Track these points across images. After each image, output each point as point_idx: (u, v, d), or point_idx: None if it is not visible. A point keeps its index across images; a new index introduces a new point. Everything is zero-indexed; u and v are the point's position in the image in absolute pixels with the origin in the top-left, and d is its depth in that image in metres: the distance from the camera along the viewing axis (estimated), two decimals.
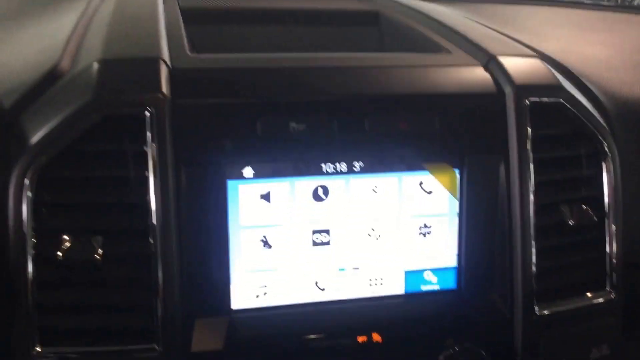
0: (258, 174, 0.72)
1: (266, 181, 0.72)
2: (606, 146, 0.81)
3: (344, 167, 0.74)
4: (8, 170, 0.67)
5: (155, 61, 0.72)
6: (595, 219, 0.79)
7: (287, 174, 0.72)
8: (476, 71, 0.81)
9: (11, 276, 0.67)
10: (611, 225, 0.81)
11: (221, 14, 1.04)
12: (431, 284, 0.78)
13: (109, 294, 0.68)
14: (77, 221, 0.68)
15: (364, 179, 0.74)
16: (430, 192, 0.76)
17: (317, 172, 0.73)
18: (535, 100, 0.78)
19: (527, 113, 0.77)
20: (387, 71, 0.78)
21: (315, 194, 0.74)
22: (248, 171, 0.71)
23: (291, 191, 0.73)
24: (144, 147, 0.68)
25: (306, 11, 1.07)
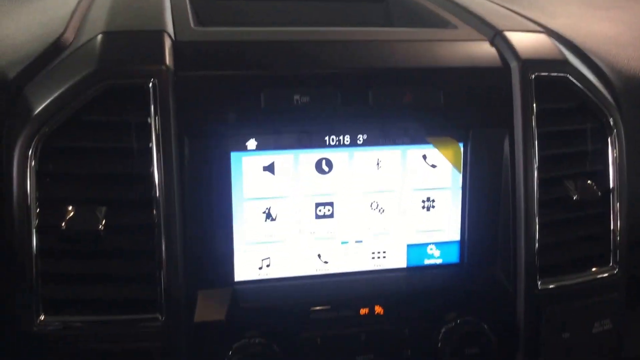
0: (261, 146, 0.72)
1: (270, 153, 0.72)
2: (612, 121, 0.81)
3: (347, 140, 0.73)
4: (12, 140, 0.67)
5: (159, 34, 0.72)
6: (600, 194, 0.79)
7: (291, 146, 0.72)
8: (482, 46, 0.80)
9: (15, 246, 0.67)
10: (615, 201, 0.81)
11: None
12: (434, 257, 0.79)
13: (112, 264, 0.69)
14: (81, 191, 0.68)
15: (367, 152, 0.74)
16: (434, 166, 0.76)
17: (321, 144, 0.73)
18: (541, 74, 0.77)
19: (532, 87, 0.76)
20: (392, 45, 0.78)
21: (319, 166, 0.74)
22: (251, 143, 0.71)
23: (295, 163, 0.73)
24: (147, 118, 0.68)
25: None
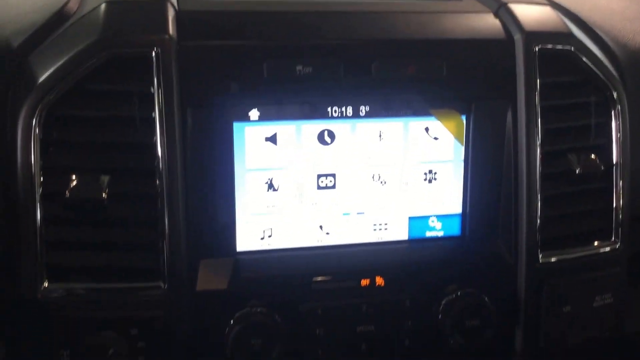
0: (264, 117, 0.72)
1: (272, 124, 0.72)
2: (616, 95, 0.80)
3: (350, 111, 0.73)
4: (17, 109, 0.68)
5: (162, 3, 0.72)
6: (603, 168, 0.79)
7: (293, 116, 0.72)
8: (486, 18, 0.80)
9: (19, 214, 0.68)
10: (618, 175, 0.80)
11: None
12: (435, 230, 0.79)
13: (115, 232, 0.69)
14: (84, 160, 0.68)
15: (370, 124, 0.74)
16: (436, 138, 0.76)
17: (323, 115, 0.73)
18: (545, 47, 0.77)
19: (536, 60, 0.76)
20: (396, 16, 0.77)
21: (321, 137, 0.74)
22: (254, 113, 0.71)
23: (297, 134, 0.73)
24: (150, 87, 0.68)
25: None
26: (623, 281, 0.83)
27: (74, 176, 0.68)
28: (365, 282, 0.75)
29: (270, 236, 0.75)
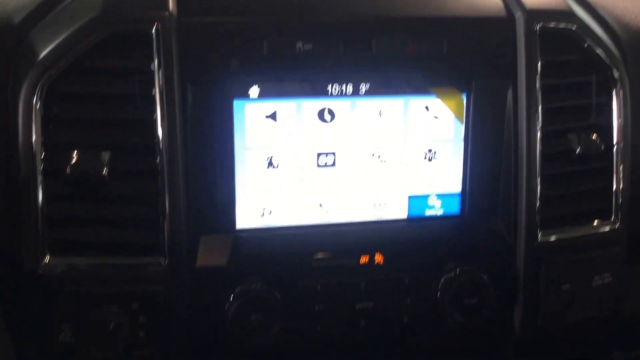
0: (264, 94, 0.72)
1: (272, 101, 0.72)
2: (617, 75, 0.80)
3: (350, 89, 0.73)
4: (18, 85, 0.68)
5: None
6: (603, 147, 0.79)
7: (293, 94, 0.73)
8: None
9: (21, 190, 0.68)
10: (619, 155, 0.80)
11: None
12: (435, 209, 0.79)
13: (116, 208, 0.69)
14: (85, 137, 0.69)
15: (370, 102, 0.74)
16: (436, 117, 0.76)
17: (323, 93, 0.73)
18: (546, 25, 0.76)
19: (537, 38, 0.76)
20: None
21: (321, 115, 0.74)
22: (254, 91, 0.72)
23: (297, 112, 0.73)
24: (150, 64, 0.68)
25: None
26: (622, 261, 0.83)
27: (74, 153, 0.68)
28: (364, 259, 0.76)
29: (270, 214, 0.75)
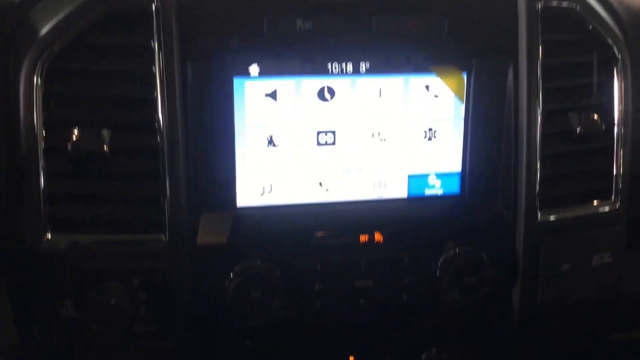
0: (264, 72, 0.72)
1: (272, 79, 0.72)
2: (618, 55, 0.80)
3: (350, 68, 0.73)
4: (19, 63, 0.68)
5: None
6: (604, 127, 0.79)
7: (293, 72, 0.73)
8: None
9: (22, 167, 0.69)
10: (619, 135, 0.80)
11: None
12: (435, 188, 0.79)
13: (116, 185, 0.70)
14: (86, 114, 0.69)
15: (370, 80, 0.74)
16: (436, 96, 0.76)
17: (323, 71, 0.73)
18: (548, 4, 0.76)
19: (538, 17, 0.75)
20: None
21: (321, 94, 0.74)
22: (254, 69, 0.72)
23: (297, 90, 0.73)
24: (150, 41, 0.68)
25: None
26: (622, 241, 0.83)
27: (75, 130, 0.68)
28: (364, 238, 0.76)
29: (270, 192, 0.75)
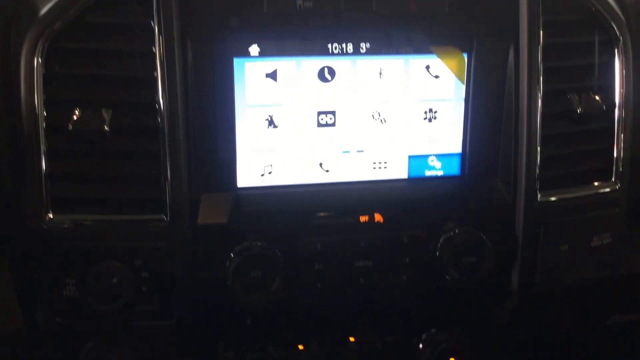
0: (264, 52, 0.72)
1: (272, 59, 0.72)
2: (620, 36, 0.79)
3: (350, 48, 0.73)
4: (20, 43, 0.68)
5: None
6: (604, 108, 0.79)
7: (294, 52, 0.73)
8: None
9: (24, 147, 0.69)
10: (621, 115, 0.80)
11: None
12: (435, 169, 0.79)
13: (118, 165, 0.70)
14: (86, 94, 0.69)
15: (370, 61, 0.74)
16: (437, 76, 0.76)
17: (324, 51, 0.73)
18: None
19: None
20: None
21: (321, 74, 0.74)
22: (254, 49, 0.72)
23: (297, 71, 0.73)
24: (150, 21, 0.68)
25: None
26: (622, 222, 0.83)
27: (76, 110, 0.69)
28: (364, 218, 0.76)
29: (270, 173, 0.76)
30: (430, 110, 0.77)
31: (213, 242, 0.73)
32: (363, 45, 0.74)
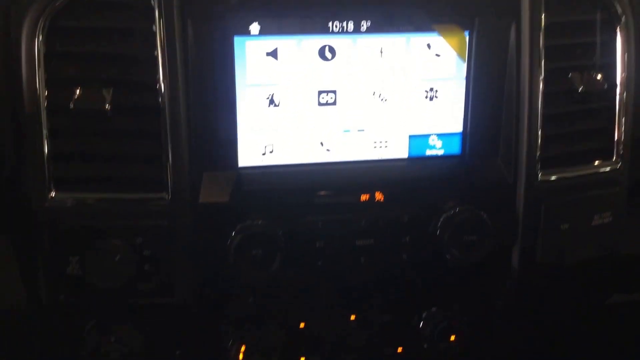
0: (265, 31, 0.72)
1: (273, 38, 0.72)
2: (622, 14, 0.79)
3: (351, 26, 0.73)
4: (20, 22, 0.68)
5: None
6: (606, 87, 0.79)
7: (294, 31, 0.72)
8: None
9: (25, 126, 0.69)
10: (622, 94, 0.80)
11: None
12: (436, 148, 0.79)
13: (119, 144, 0.70)
14: (87, 72, 0.69)
15: (371, 39, 0.74)
16: (438, 55, 0.76)
17: (324, 30, 0.73)
18: None
19: None
20: None
21: (322, 53, 0.74)
22: (255, 27, 0.71)
23: (298, 49, 0.73)
24: None
25: None
26: (623, 201, 0.83)
27: (77, 89, 0.69)
28: (364, 197, 0.76)
29: (271, 152, 0.76)
30: (431, 89, 0.77)
31: (214, 220, 0.73)
32: (364, 23, 0.73)
